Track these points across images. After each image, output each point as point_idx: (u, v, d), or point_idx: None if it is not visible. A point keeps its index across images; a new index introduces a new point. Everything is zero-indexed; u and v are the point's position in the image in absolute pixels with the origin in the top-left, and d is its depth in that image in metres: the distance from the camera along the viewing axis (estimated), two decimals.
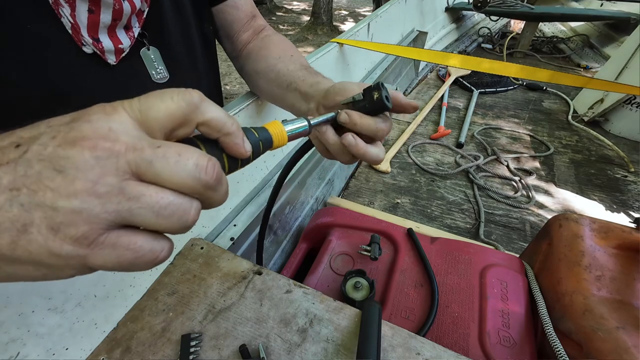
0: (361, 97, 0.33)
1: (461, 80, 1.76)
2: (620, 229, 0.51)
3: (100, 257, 0.18)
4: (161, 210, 0.18)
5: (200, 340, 0.40)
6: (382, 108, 0.33)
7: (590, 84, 0.88)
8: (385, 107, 0.33)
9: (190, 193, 0.19)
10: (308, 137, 0.37)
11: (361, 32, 1.14)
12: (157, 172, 0.18)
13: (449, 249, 0.61)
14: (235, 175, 0.62)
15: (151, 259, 0.19)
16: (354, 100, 0.34)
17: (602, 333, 0.41)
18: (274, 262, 0.73)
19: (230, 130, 0.22)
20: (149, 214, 0.18)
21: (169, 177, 0.18)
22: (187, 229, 0.20)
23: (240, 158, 0.24)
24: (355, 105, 0.34)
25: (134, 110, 0.19)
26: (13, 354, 0.32)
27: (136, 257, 0.19)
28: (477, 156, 1.22)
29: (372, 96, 0.32)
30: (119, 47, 0.40)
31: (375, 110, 0.33)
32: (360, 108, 0.33)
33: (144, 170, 0.18)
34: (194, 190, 0.19)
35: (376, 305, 0.42)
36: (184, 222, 0.19)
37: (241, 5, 0.56)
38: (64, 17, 0.35)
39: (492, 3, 2.08)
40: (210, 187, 0.20)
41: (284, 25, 6.96)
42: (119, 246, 0.18)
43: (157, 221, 0.18)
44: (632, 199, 1.07)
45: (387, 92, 0.33)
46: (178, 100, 0.20)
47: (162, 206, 0.18)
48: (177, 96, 0.20)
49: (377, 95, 0.32)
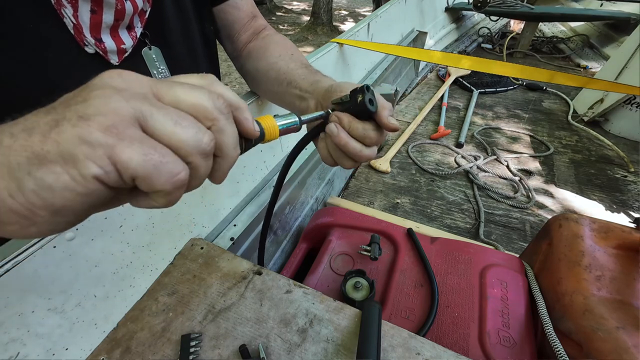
0: (348, 99, 0.33)
1: (461, 80, 1.76)
2: (620, 229, 0.51)
3: (128, 150, 0.17)
4: (179, 119, 0.19)
5: (200, 341, 0.39)
6: (364, 112, 0.33)
7: (590, 84, 0.87)
8: (367, 111, 0.32)
9: (208, 121, 0.21)
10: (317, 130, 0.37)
11: (361, 32, 1.14)
12: (177, 97, 0.20)
13: (449, 249, 0.61)
14: (235, 175, 0.62)
15: (173, 173, 0.19)
16: (342, 101, 0.34)
17: (602, 333, 0.41)
18: (274, 262, 0.73)
19: (241, 106, 0.23)
20: (168, 120, 0.19)
21: (191, 100, 0.20)
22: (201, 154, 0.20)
23: (248, 136, 0.25)
24: (343, 106, 0.34)
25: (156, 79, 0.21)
26: (13, 354, 0.32)
27: (161, 162, 0.18)
28: (477, 156, 1.22)
29: (356, 99, 0.32)
30: (121, 47, 0.41)
31: (359, 113, 0.33)
32: (347, 109, 0.33)
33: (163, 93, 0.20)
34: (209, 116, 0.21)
35: (376, 305, 0.42)
36: (195, 139, 0.19)
37: (242, 5, 0.56)
38: (66, 18, 0.35)
39: (492, 3, 2.08)
40: (223, 115, 0.21)
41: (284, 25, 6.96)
42: (146, 143, 0.18)
43: (172, 128, 0.19)
44: (632, 199, 1.07)
45: (372, 95, 0.33)
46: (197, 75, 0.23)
47: (181, 115, 0.19)
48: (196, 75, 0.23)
49: (360, 98, 0.32)
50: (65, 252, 0.36)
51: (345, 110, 0.34)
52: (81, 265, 0.37)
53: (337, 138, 0.33)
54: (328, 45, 0.95)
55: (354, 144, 0.34)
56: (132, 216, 0.42)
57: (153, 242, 0.46)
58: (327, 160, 0.37)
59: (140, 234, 0.44)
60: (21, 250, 0.32)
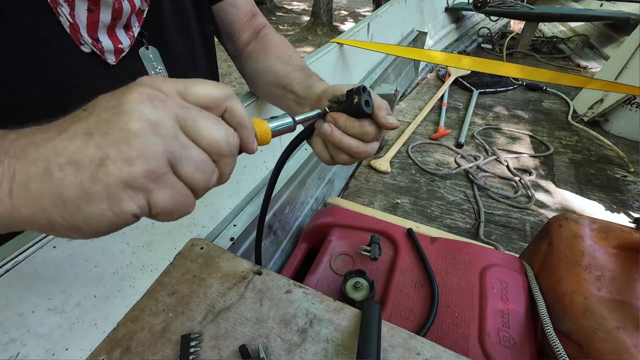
0: (344, 99, 0.33)
1: (461, 81, 1.76)
2: (620, 229, 0.51)
3: (162, 194, 0.20)
4: (199, 164, 0.22)
5: (200, 341, 0.39)
6: (360, 113, 0.33)
7: (590, 84, 0.87)
8: (363, 113, 0.32)
9: (216, 155, 0.23)
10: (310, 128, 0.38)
11: (361, 32, 1.14)
12: (198, 129, 0.22)
13: (449, 249, 0.61)
14: (235, 175, 0.62)
15: (189, 208, 0.23)
16: (339, 100, 0.34)
17: (602, 333, 0.41)
18: (274, 262, 0.73)
19: (248, 125, 0.25)
20: (191, 165, 0.21)
21: (208, 134, 0.22)
22: (206, 190, 0.23)
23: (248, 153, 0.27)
24: (339, 105, 0.34)
25: (179, 83, 0.23)
26: (13, 354, 0.32)
27: (183, 202, 0.22)
28: (477, 156, 1.22)
29: (352, 100, 0.32)
30: (118, 47, 0.40)
31: (355, 114, 0.33)
32: (343, 109, 0.34)
33: (188, 125, 0.21)
34: (221, 151, 0.23)
35: (376, 306, 0.42)
36: (207, 181, 0.23)
37: (241, 4, 0.56)
38: (63, 16, 0.35)
39: (492, 3, 2.08)
40: (232, 154, 0.24)
41: (284, 26, 6.96)
42: (176, 188, 0.21)
43: (193, 174, 0.21)
44: (632, 199, 1.07)
45: (369, 96, 0.33)
46: (217, 86, 0.24)
47: (201, 160, 0.22)
48: (216, 84, 0.24)
49: (357, 100, 0.32)
50: (65, 252, 0.36)
51: (342, 110, 0.34)
52: (81, 265, 0.37)
53: (330, 137, 0.34)
54: (328, 46, 0.95)
55: (348, 140, 0.34)
56: None
57: (153, 242, 0.46)
58: (323, 155, 0.37)
59: (140, 234, 0.44)
60: (21, 250, 0.32)
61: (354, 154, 0.35)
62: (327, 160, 0.38)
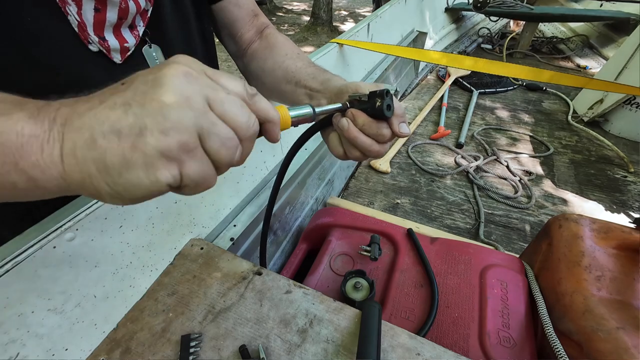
0: (366, 99, 0.34)
1: (461, 81, 1.76)
2: (620, 229, 0.51)
3: (193, 166, 0.22)
4: (225, 141, 0.23)
5: (200, 341, 0.39)
6: (380, 116, 0.33)
7: (590, 84, 0.88)
8: (383, 117, 0.33)
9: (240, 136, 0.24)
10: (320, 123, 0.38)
11: (361, 33, 1.14)
12: (225, 110, 0.23)
13: (449, 249, 0.61)
14: (236, 175, 0.62)
15: (212, 182, 0.24)
16: (360, 99, 0.34)
17: (602, 333, 0.41)
18: (274, 263, 0.73)
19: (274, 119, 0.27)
20: (217, 141, 0.22)
21: (234, 116, 0.23)
22: (230, 165, 0.24)
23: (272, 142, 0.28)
24: (360, 104, 0.35)
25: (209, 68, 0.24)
26: (13, 355, 0.32)
27: (210, 175, 0.23)
28: (477, 156, 1.22)
29: (375, 102, 0.33)
30: (124, 46, 0.41)
31: (374, 115, 0.34)
32: (364, 109, 0.34)
33: (217, 104, 0.22)
34: (245, 132, 0.24)
35: (376, 306, 0.42)
36: (231, 157, 0.24)
37: (243, 3, 0.56)
38: (71, 15, 0.35)
39: (491, 3, 2.08)
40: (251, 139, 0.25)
41: (284, 26, 6.96)
42: (204, 161, 0.22)
43: (219, 149, 0.22)
44: (631, 199, 1.07)
45: (391, 101, 0.34)
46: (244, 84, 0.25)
47: (227, 137, 0.23)
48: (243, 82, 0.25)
49: (379, 104, 0.33)
50: (65, 252, 0.36)
51: (362, 109, 0.34)
52: (81, 265, 0.37)
53: (347, 132, 0.34)
54: (328, 46, 0.95)
55: (363, 138, 0.35)
56: (132, 216, 0.42)
57: (153, 242, 0.46)
58: (337, 150, 0.38)
59: (140, 234, 0.44)
60: (21, 251, 0.32)
61: (366, 152, 0.36)
62: (340, 154, 0.38)
